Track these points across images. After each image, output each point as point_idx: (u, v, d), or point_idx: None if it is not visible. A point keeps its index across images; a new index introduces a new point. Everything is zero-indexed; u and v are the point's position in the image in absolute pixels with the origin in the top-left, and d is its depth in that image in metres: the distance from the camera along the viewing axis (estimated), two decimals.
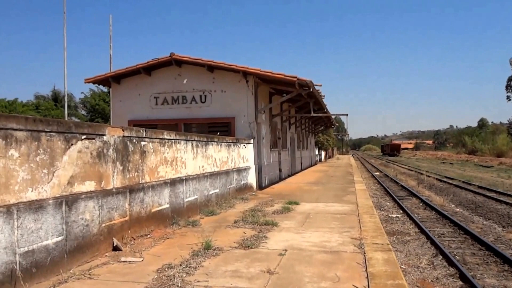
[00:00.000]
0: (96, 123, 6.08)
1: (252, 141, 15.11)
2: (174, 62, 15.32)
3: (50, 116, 37.69)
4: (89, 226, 5.82)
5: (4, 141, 4.52)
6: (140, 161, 7.25)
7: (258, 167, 15.66)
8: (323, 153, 52.22)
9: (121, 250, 6.32)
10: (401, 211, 14.23)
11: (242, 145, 13.91)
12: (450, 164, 51.85)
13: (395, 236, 10.17)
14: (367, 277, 4.99)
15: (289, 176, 22.42)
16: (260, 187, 15.72)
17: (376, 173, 34.75)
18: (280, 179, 19.94)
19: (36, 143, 4.97)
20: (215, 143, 11.24)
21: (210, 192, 10.59)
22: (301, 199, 11.97)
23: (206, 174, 10.40)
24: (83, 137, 5.79)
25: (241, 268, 5.44)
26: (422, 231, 10.66)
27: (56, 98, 47.62)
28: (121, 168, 6.66)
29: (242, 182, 13.66)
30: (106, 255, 6.08)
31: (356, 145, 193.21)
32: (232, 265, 5.59)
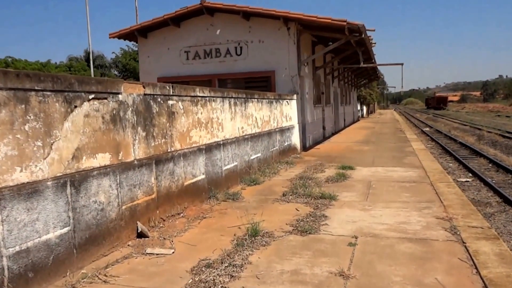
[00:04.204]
0: (107, 79, 4.71)
1: (295, 97, 13.50)
2: (205, 11, 13.63)
3: None
4: (105, 210, 4.56)
5: None
6: (167, 124, 5.89)
7: (302, 126, 14.12)
8: (364, 108, 49.70)
9: (147, 237, 5.08)
10: (470, 174, 12.39)
11: (284, 101, 12.36)
12: (507, 117, 48.06)
13: None
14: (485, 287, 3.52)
15: (333, 134, 20.76)
16: (305, 148, 14.24)
17: (426, 129, 32.31)
18: (324, 138, 18.35)
19: (23, 106, 3.65)
20: (256, 100, 9.74)
21: (251, 157, 9.21)
22: (354, 163, 10.43)
23: (247, 136, 8.99)
24: (91, 96, 4.43)
25: (303, 267, 4.07)
26: (507, 200, 8.90)
27: (89, 58, 46.98)
28: (143, 134, 5.32)
29: (286, 144, 12.21)
30: (128, 245, 4.85)
31: (396, 99, 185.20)
32: (290, 261, 4.23)
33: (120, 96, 4.89)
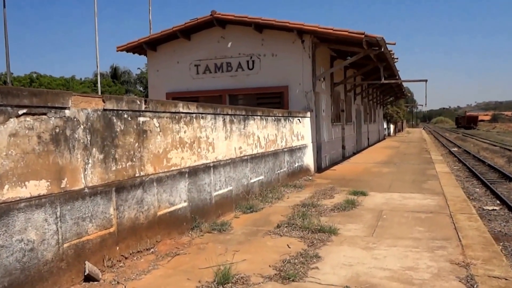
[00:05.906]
0: (47, 90, 3.93)
1: (308, 114, 12.57)
2: (216, 23, 12.97)
3: (108, 93, 36.21)
4: (36, 250, 3.75)
5: None
6: (136, 145, 5.09)
7: (316, 145, 13.14)
8: (391, 126, 47.99)
9: (97, 281, 4.24)
10: (497, 202, 11.07)
11: (295, 119, 11.45)
12: None
13: (499, 243, 7.28)
14: None
15: (354, 154, 19.63)
16: (319, 168, 13.24)
17: (454, 149, 30.57)
18: (344, 157, 17.27)
19: None
20: (259, 117, 8.88)
21: (251, 181, 8.31)
22: (369, 187, 9.40)
23: (245, 157, 8.11)
24: (21, 112, 3.66)
25: None
26: None
27: (115, 74, 47.39)
28: (100, 157, 4.52)
29: (296, 165, 11.26)
30: None
31: (426, 117, 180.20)
32: None
33: (67, 111, 4.12)
